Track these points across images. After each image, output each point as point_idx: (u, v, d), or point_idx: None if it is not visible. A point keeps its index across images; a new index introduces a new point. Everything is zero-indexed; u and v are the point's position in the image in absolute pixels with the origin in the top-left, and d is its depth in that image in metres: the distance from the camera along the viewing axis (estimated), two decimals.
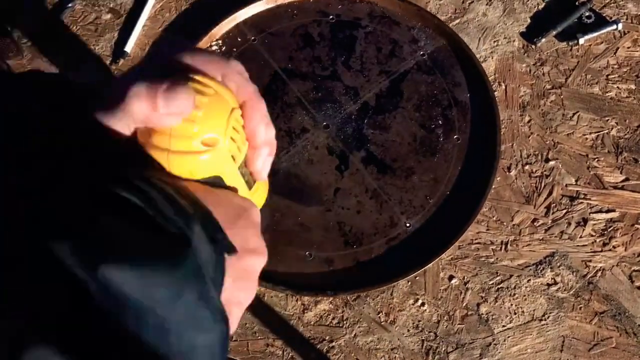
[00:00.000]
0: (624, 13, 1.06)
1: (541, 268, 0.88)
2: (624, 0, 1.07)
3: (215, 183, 0.30)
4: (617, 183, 0.93)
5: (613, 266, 0.88)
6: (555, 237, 0.90)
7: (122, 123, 0.27)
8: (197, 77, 0.28)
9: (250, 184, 0.33)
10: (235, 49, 1.05)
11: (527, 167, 0.95)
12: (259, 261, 0.30)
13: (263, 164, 0.32)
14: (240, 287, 0.28)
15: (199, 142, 0.28)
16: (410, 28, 1.04)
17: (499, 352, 0.84)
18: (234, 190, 0.31)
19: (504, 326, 0.85)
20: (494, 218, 0.91)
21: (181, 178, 0.29)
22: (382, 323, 0.86)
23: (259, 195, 0.34)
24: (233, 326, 0.29)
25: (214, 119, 0.28)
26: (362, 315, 0.87)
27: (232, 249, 0.27)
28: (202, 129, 0.28)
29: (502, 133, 0.95)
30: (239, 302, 0.29)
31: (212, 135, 0.28)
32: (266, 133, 0.32)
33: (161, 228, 0.24)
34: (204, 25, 1.06)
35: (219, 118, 0.28)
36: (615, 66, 1.02)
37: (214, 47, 1.05)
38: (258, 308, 0.88)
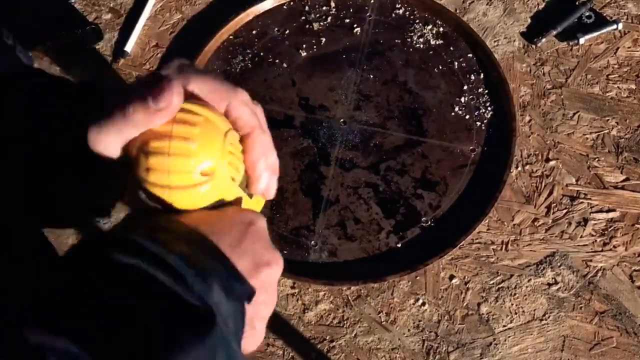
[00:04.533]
0: (624, 13, 1.06)
1: (542, 268, 0.88)
2: (624, 0, 1.07)
3: (217, 205, 0.30)
4: (617, 183, 0.93)
5: (613, 266, 0.88)
6: (556, 236, 0.90)
7: (117, 133, 0.27)
8: (186, 106, 0.28)
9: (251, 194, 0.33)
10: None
11: (527, 167, 0.95)
12: (275, 272, 0.30)
13: (267, 186, 0.33)
14: (260, 302, 0.29)
15: (197, 174, 0.28)
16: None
17: (500, 352, 0.84)
18: (237, 203, 0.31)
19: (504, 326, 0.85)
20: (495, 218, 0.91)
21: (181, 211, 0.29)
22: (383, 323, 0.86)
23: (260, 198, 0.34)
24: (259, 339, 0.31)
25: (209, 148, 0.28)
26: (363, 315, 0.87)
27: (250, 293, 0.28)
28: (198, 161, 0.28)
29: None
30: (262, 317, 0.30)
31: (209, 164, 0.28)
32: (266, 163, 0.32)
33: (186, 304, 0.25)
34: (205, 26, 1.06)
35: (213, 146, 0.28)
36: (616, 66, 1.02)
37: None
38: None
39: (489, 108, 0.98)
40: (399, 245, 0.89)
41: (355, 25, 1.05)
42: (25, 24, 1.06)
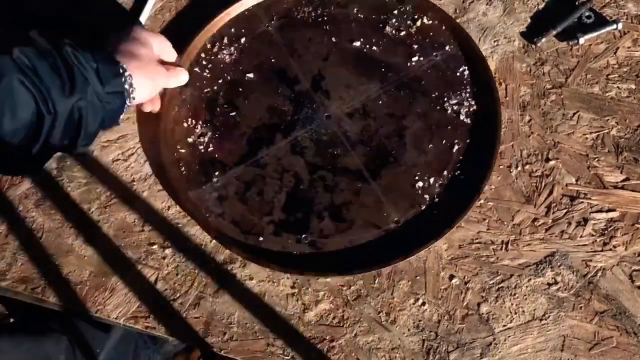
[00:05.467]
0: (624, 13, 1.06)
1: (542, 268, 0.88)
2: (624, 0, 1.07)
3: None
4: (617, 183, 0.93)
5: (613, 266, 0.88)
6: (556, 236, 0.90)
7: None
8: None
9: None
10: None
11: (527, 166, 0.95)
12: (147, 55, 0.80)
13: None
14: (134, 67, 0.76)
15: None
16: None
17: (500, 352, 0.84)
18: None
19: (504, 326, 0.85)
20: (495, 218, 0.91)
21: None
22: (383, 323, 0.86)
23: None
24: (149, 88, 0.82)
25: None
26: (363, 315, 0.87)
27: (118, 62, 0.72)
28: None
29: (502, 133, 0.95)
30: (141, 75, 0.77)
31: None
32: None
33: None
34: (201, 22, 1.06)
35: None
36: (616, 66, 1.02)
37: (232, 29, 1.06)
38: (258, 308, 0.88)
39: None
40: (260, 239, 0.89)
41: (418, 55, 1.02)
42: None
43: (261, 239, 0.91)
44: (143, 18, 1.10)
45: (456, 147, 0.95)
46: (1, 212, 0.96)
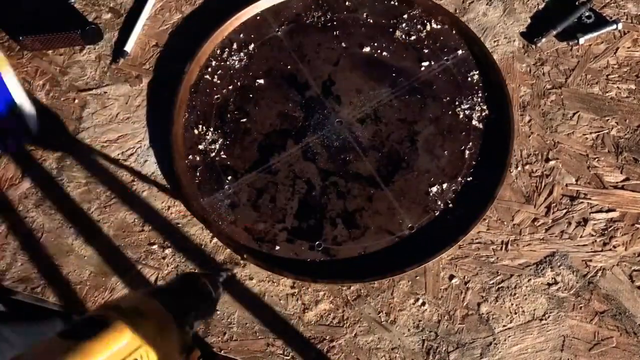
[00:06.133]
0: (624, 13, 1.06)
1: (542, 268, 0.88)
2: (624, 0, 1.07)
3: None
4: (617, 183, 0.93)
5: (613, 266, 0.88)
6: (556, 236, 0.90)
7: None
8: None
9: None
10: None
11: (527, 166, 0.95)
12: None
13: None
14: None
15: None
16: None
17: (500, 352, 0.84)
18: None
19: (504, 326, 0.85)
20: (495, 218, 0.91)
21: None
22: (383, 323, 0.86)
23: None
24: None
25: None
26: (363, 315, 0.87)
27: None
28: None
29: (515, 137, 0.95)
30: None
31: None
32: None
33: None
34: (205, 26, 1.06)
35: None
36: (615, 66, 1.02)
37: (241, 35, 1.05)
38: (258, 308, 0.88)
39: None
40: (278, 249, 0.89)
41: (428, 59, 1.02)
42: (25, 24, 1.06)
43: (277, 247, 0.90)
44: (143, 18, 1.10)
45: (468, 152, 0.95)
46: (1, 212, 0.96)
